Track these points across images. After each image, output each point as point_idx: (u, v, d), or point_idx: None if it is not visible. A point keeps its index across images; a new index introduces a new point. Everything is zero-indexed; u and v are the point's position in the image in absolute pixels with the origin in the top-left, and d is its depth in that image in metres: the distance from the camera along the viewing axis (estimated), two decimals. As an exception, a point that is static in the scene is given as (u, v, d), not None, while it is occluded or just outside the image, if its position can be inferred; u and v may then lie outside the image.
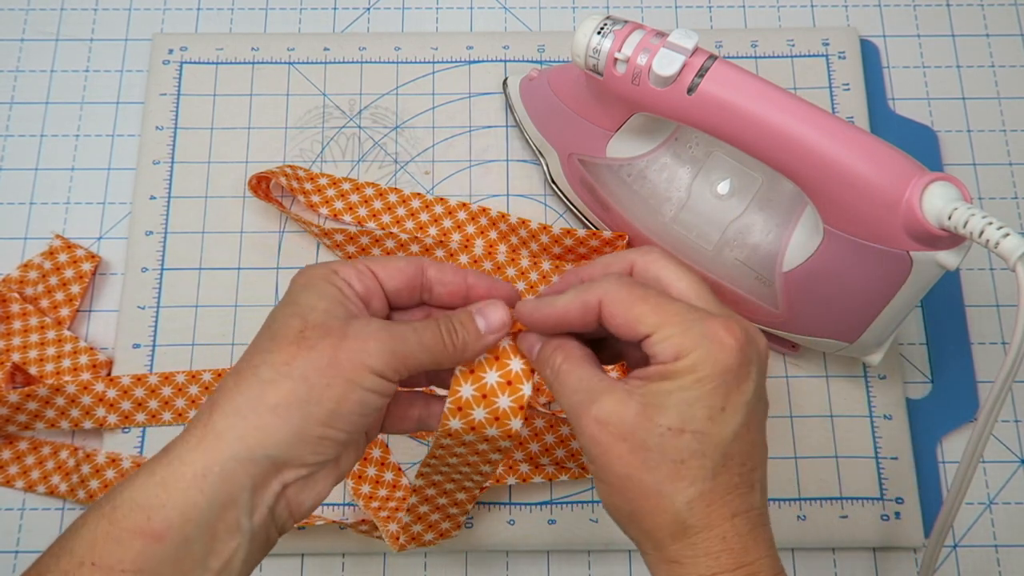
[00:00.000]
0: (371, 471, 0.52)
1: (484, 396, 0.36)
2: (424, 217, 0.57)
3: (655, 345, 0.32)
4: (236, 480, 0.31)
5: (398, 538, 0.48)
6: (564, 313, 0.35)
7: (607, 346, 0.38)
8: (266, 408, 0.32)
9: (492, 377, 0.36)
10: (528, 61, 0.61)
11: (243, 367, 0.33)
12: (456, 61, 0.61)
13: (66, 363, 0.54)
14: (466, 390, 0.36)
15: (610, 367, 0.51)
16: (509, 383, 0.36)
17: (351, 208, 0.57)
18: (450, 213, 0.57)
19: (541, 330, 0.36)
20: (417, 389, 0.40)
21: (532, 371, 0.37)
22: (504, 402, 0.36)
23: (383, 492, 0.51)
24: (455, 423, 0.36)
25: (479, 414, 0.36)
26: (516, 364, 0.36)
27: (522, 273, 0.56)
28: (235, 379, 0.33)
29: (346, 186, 0.58)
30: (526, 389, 0.36)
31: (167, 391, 0.54)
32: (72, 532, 0.31)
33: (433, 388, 0.43)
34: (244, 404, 0.32)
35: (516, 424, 0.36)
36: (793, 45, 0.61)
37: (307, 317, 0.33)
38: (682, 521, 0.32)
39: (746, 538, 0.32)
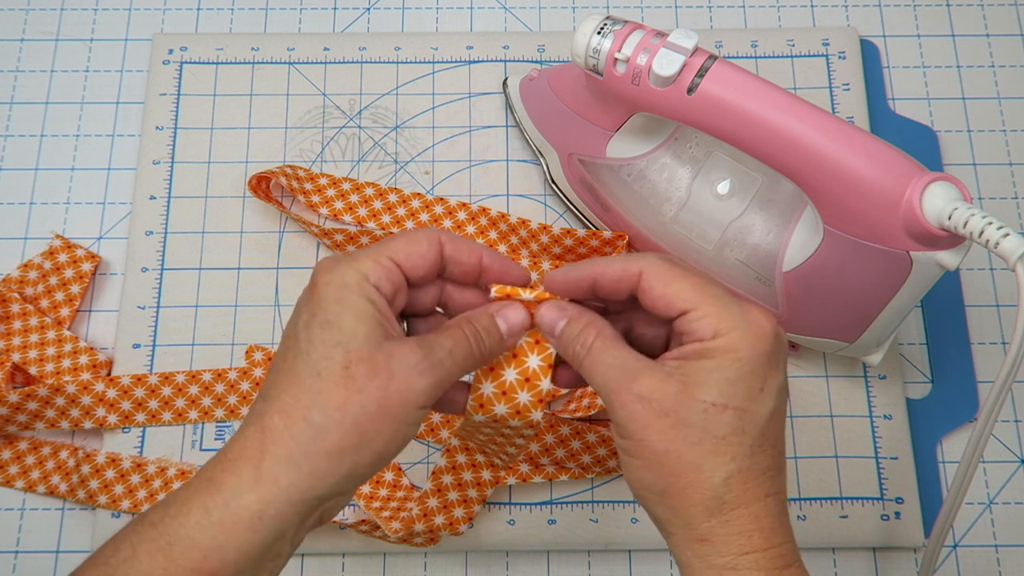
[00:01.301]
0: None
1: (504, 393, 0.37)
2: (424, 217, 0.57)
3: (693, 322, 0.33)
4: (287, 520, 0.32)
5: (399, 532, 0.48)
6: (600, 274, 0.36)
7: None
8: (319, 455, 0.32)
9: (511, 375, 0.37)
10: (528, 61, 0.61)
11: (290, 405, 0.32)
12: (456, 61, 0.61)
13: (66, 363, 0.54)
14: (487, 387, 0.37)
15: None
16: (527, 380, 0.37)
17: (351, 208, 0.57)
18: (450, 213, 0.57)
19: (573, 289, 0.37)
20: None
21: (551, 367, 0.37)
22: (524, 397, 0.37)
23: (384, 492, 0.51)
24: (478, 417, 0.37)
25: (500, 409, 0.37)
26: (534, 361, 0.37)
27: (522, 273, 0.56)
28: (284, 420, 0.32)
29: (346, 186, 0.58)
30: (544, 384, 0.37)
31: (167, 391, 0.54)
32: (121, 560, 0.32)
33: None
34: (297, 451, 0.32)
35: (537, 416, 0.37)
36: (793, 45, 0.61)
37: (350, 347, 0.32)
38: (719, 497, 0.32)
39: (775, 520, 0.33)
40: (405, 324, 0.39)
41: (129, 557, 0.31)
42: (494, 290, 0.37)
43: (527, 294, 0.37)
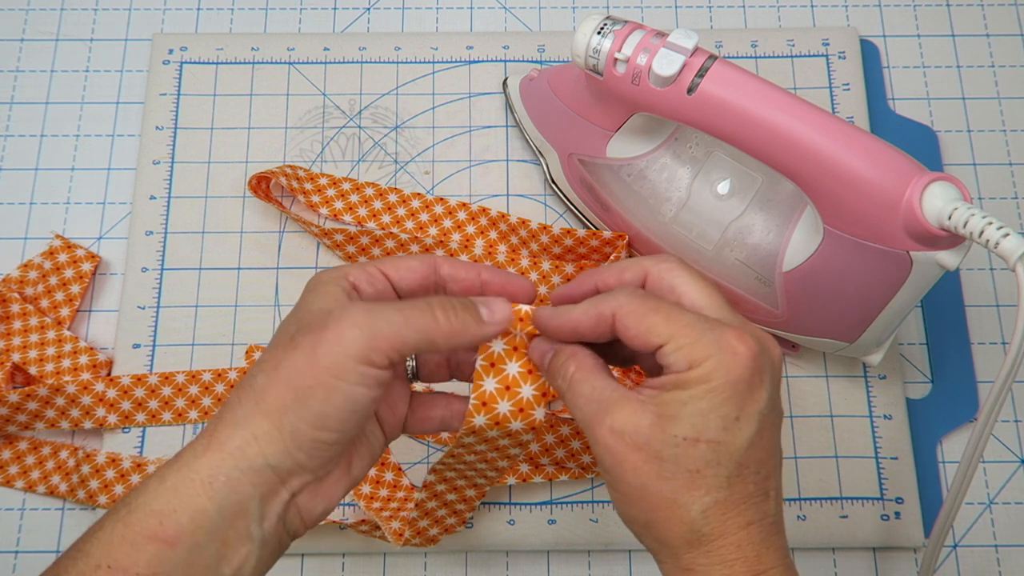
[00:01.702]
0: (371, 471, 0.52)
1: (507, 388, 0.36)
2: (424, 217, 0.57)
3: (668, 355, 0.33)
4: (242, 489, 0.32)
5: (401, 534, 0.48)
6: (578, 323, 0.35)
7: (620, 350, 0.38)
8: (259, 415, 0.32)
9: (513, 368, 0.36)
10: (528, 61, 0.61)
11: (246, 378, 0.33)
12: (456, 61, 0.61)
13: (66, 363, 0.54)
14: (489, 383, 0.36)
15: (618, 369, 0.51)
16: (531, 371, 0.36)
17: (351, 208, 0.57)
18: (450, 213, 0.57)
19: (556, 337, 0.36)
20: (437, 390, 0.40)
21: None
22: (527, 391, 0.36)
23: (384, 492, 0.51)
24: (480, 419, 0.36)
25: (503, 407, 0.36)
26: None
27: (522, 273, 0.56)
28: (238, 391, 0.33)
29: (346, 186, 0.58)
30: None
31: (167, 391, 0.54)
32: (89, 535, 0.32)
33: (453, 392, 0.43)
34: (242, 414, 0.32)
35: (540, 414, 0.36)
36: (793, 45, 0.61)
37: (302, 318, 0.33)
38: (697, 530, 0.32)
39: (759, 546, 0.33)
40: (414, 359, 0.39)
41: (96, 530, 0.32)
42: None
43: (519, 330, 0.36)
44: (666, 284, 0.35)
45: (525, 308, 0.36)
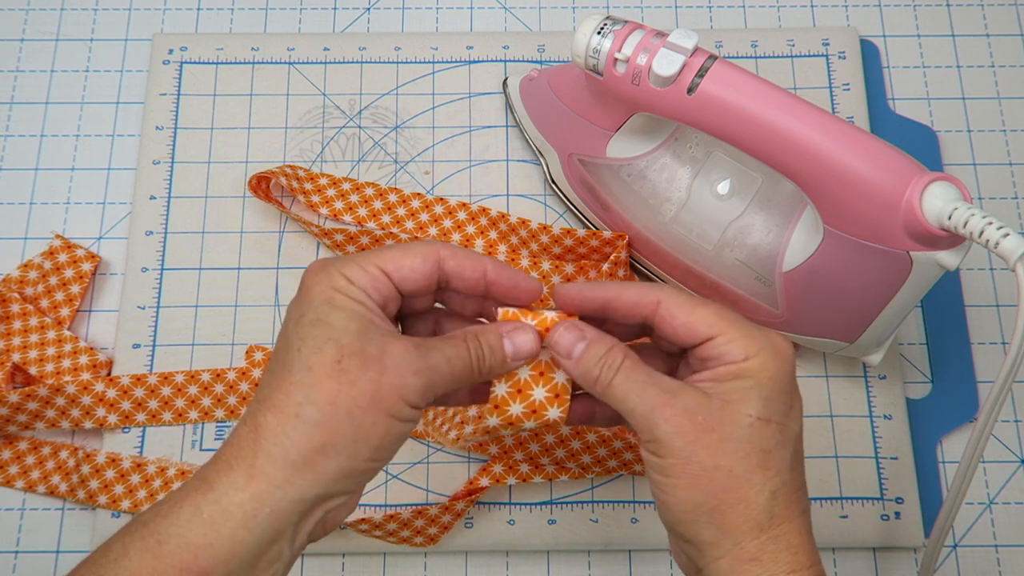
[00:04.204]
0: None
1: (511, 423, 0.37)
2: (424, 217, 0.57)
3: (721, 346, 0.34)
4: (284, 518, 0.32)
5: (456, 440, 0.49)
6: (616, 297, 0.36)
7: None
8: (314, 450, 0.32)
9: (517, 408, 0.37)
10: (528, 61, 0.61)
11: (282, 402, 0.32)
12: (456, 61, 0.61)
13: (66, 363, 0.54)
14: (492, 421, 0.37)
15: None
16: (534, 411, 0.37)
17: (351, 208, 0.57)
18: (450, 213, 0.57)
19: (582, 309, 0.37)
20: None
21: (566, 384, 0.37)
22: (540, 393, 0.37)
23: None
24: (493, 420, 0.37)
25: (516, 408, 0.37)
26: (560, 376, 0.37)
27: (522, 273, 0.56)
28: (276, 416, 0.32)
29: (346, 186, 0.58)
30: (559, 377, 0.37)
31: (167, 391, 0.54)
32: (110, 559, 0.31)
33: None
34: (291, 448, 0.31)
35: (554, 414, 0.37)
36: (793, 45, 0.61)
37: (341, 342, 0.32)
38: (769, 510, 0.33)
39: (809, 536, 0.34)
40: (400, 325, 0.39)
41: (119, 557, 0.31)
42: (500, 314, 0.37)
43: (533, 319, 0.36)
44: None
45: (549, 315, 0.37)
